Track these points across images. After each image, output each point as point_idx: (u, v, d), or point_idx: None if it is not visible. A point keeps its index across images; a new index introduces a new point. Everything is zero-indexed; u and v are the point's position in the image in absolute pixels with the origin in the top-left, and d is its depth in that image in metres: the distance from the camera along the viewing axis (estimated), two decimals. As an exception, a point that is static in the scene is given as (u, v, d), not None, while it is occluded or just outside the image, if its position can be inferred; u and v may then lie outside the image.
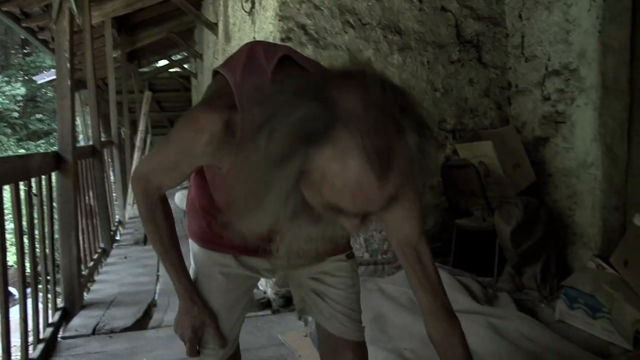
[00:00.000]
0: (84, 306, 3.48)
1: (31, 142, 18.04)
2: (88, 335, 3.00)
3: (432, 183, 3.63)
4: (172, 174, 1.19)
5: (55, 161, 3.32)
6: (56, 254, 3.36)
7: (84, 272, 4.03)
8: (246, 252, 1.34)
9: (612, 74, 3.18)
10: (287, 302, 3.19)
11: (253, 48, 1.18)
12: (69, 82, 3.34)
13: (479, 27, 3.84)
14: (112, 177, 7.61)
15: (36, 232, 3.05)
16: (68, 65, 3.33)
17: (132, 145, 9.16)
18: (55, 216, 3.40)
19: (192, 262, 1.45)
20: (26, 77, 18.68)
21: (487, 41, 3.87)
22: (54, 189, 3.40)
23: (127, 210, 7.86)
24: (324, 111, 0.78)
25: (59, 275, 3.49)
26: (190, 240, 1.45)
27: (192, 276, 1.41)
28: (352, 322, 1.42)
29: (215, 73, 1.21)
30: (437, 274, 1.24)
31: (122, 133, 8.95)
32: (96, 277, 4.46)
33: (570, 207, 3.40)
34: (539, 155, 3.62)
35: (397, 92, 0.83)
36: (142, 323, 3.19)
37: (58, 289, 3.43)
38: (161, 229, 1.29)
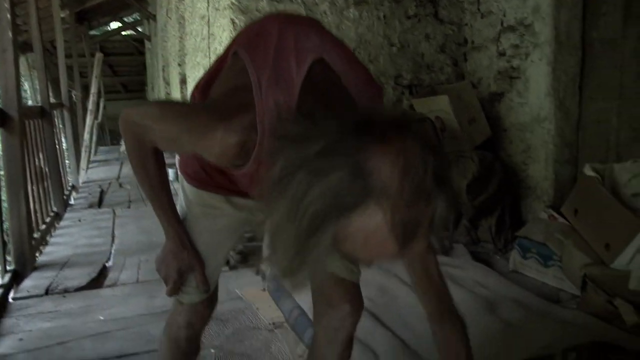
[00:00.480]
0: (35, 268, 3.38)
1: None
2: (41, 296, 2.94)
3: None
4: (170, 145, 1.14)
5: (-1, 118, 3.19)
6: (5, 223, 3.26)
7: (35, 236, 3.92)
8: (237, 193, 1.31)
9: (565, 28, 3.21)
10: (244, 259, 3.19)
11: (283, 32, 1.10)
12: (10, 34, 3.18)
13: (436, -19, 3.82)
14: (64, 143, 7.39)
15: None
16: (9, 16, 3.16)
17: (85, 109, 8.91)
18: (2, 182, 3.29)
19: (181, 199, 1.41)
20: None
21: (443, -4, 3.85)
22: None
23: (81, 175, 7.68)
24: (357, 184, 0.74)
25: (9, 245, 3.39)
26: (180, 176, 1.41)
27: (180, 214, 1.38)
28: (343, 260, 1.39)
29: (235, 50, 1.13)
30: (443, 282, 1.24)
31: (74, 96, 8.68)
32: (49, 241, 4.35)
33: (525, 161, 3.46)
34: (494, 111, 3.66)
35: (437, 159, 0.79)
36: (97, 282, 3.13)
37: (9, 258, 3.33)
38: (151, 174, 1.24)
